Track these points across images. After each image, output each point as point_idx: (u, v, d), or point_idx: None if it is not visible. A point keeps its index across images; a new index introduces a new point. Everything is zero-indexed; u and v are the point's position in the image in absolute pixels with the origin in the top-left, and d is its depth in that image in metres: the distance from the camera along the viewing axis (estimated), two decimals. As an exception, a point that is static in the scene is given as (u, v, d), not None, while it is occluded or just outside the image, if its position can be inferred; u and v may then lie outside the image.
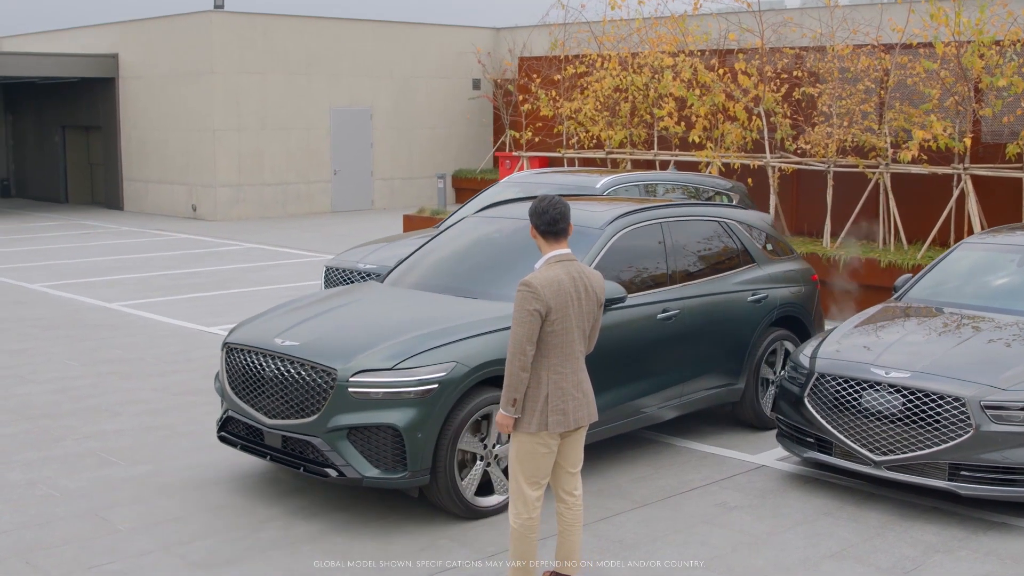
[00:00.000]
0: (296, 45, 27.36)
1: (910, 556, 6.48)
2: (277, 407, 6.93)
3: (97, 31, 30.44)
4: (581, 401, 5.69)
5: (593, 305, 5.72)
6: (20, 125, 33.79)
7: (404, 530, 6.78)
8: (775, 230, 9.58)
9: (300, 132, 27.54)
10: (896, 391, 7.10)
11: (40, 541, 6.67)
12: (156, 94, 28.00)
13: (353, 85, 28.42)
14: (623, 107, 16.88)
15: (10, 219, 27.28)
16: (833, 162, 14.51)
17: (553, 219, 5.67)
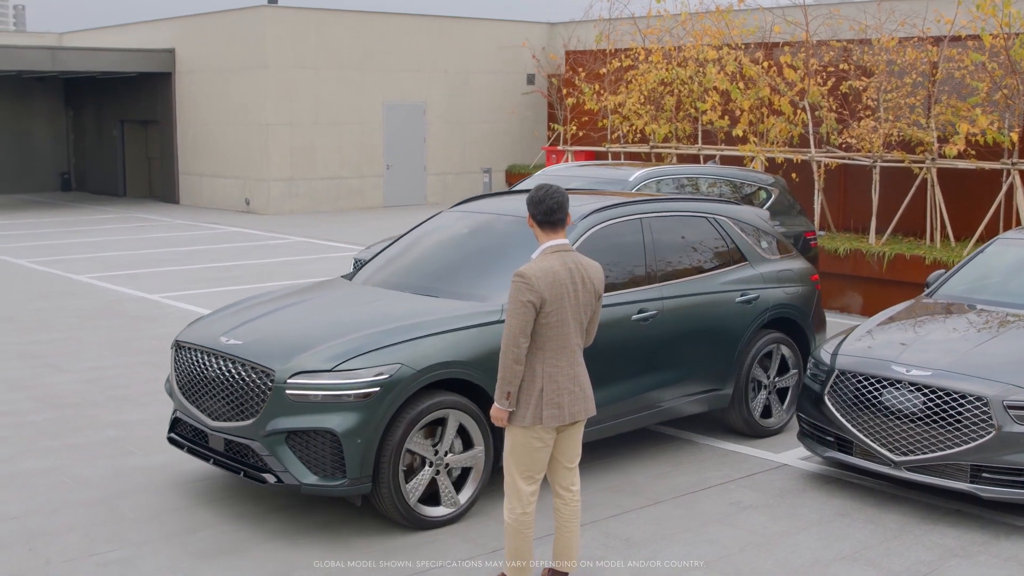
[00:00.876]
0: (349, 40, 27.43)
1: (925, 560, 6.28)
2: (220, 409, 6.67)
3: (155, 26, 30.78)
4: (577, 395, 5.56)
5: (591, 297, 5.59)
6: (81, 120, 34.27)
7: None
8: (772, 227, 9.14)
9: (353, 127, 27.61)
10: (917, 389, 6.89)
11: (47, 528, 6.69)
12: (211, 89, 28.23)
13: (406, 80, 28.43)
14: (668, 101, 16.68)
15: (68, 212, 27.66)
16: (879, 157, 14.21)
17: (550, 208, 5.54)
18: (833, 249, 13.83)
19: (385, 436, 6.34)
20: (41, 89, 33.96)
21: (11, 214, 27.01)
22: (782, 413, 8.68)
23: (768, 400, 8.60)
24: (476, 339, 6.72)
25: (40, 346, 11.72)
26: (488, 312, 6.91)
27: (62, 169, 34.63)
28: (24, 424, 8.86)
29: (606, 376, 7.26)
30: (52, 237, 21.91)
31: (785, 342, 8.63)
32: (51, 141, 34.49)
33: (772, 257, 8.79)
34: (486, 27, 29.84)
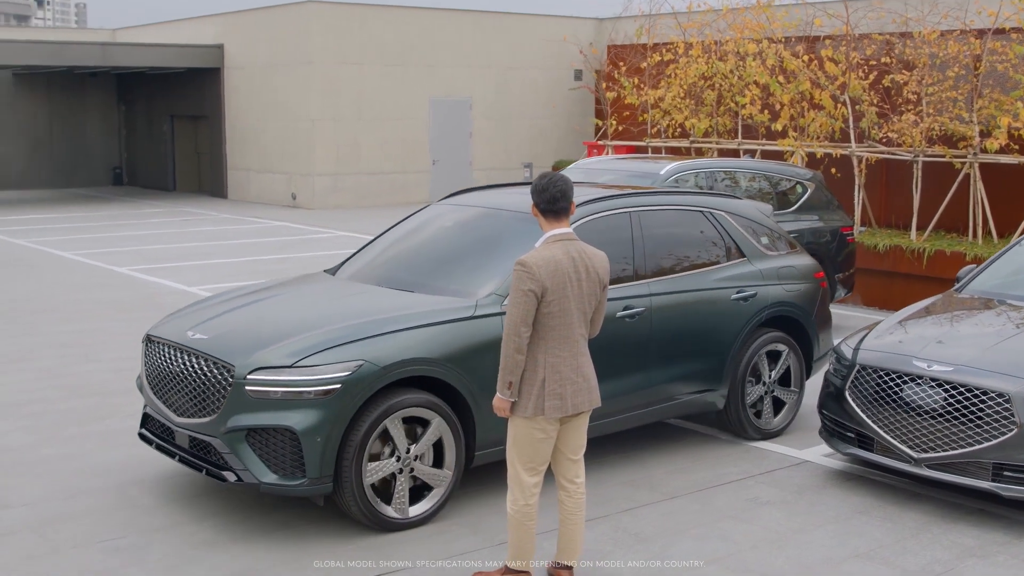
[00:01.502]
0: (394, 35, 27.47)
1: (942, 560, 6.13)
2: (184, 405, 6.53)
3: (204, 22, 31.03)
4: (581, 386, 5.49)
5: (595, 287, 5.51)
6: (132, 115, 34.65)
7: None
8: (774, 221, 8.83)
9: (398, 122, 27.66)
10: (938, 385, 6.74)
11: (59, 514, 6.73)
12: (257, 84, 28.41)
13: (452, 75, 28.43)
14: (708, 95, 16.52)
15: (117, 206, 27.96)
16: (920, 152, 13.97)
17: (553, 197, 5.47)
18: (872, 245, 13.62)
19: (347, 435, 6.16)
20: (94, 85, 34.37)
21: (62, 207, 27.36)
22: (782, 415, 8.38)
23: (767, 401, 8.30)
24: (446, 335, 6.52)
25: (74, 336, 11.83)
26: (461, 308, 6.72)
27: (114, 164, 35.04)
28: (50, 412, 8.94)
29: (601, 374, 7.10)
30: (99, 230, 22.15)
31: (785, 342, 8.31)
32: (103, 136, 34.90)
33: (773, 253, 8.46)
34: (533, 22, 29.76)
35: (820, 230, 11.96)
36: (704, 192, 8.69)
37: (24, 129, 33.36)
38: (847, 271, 12.30)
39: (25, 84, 33.24)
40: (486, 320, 6.69)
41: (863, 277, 13.47)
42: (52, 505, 6.88)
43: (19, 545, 6.27)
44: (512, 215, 7.57)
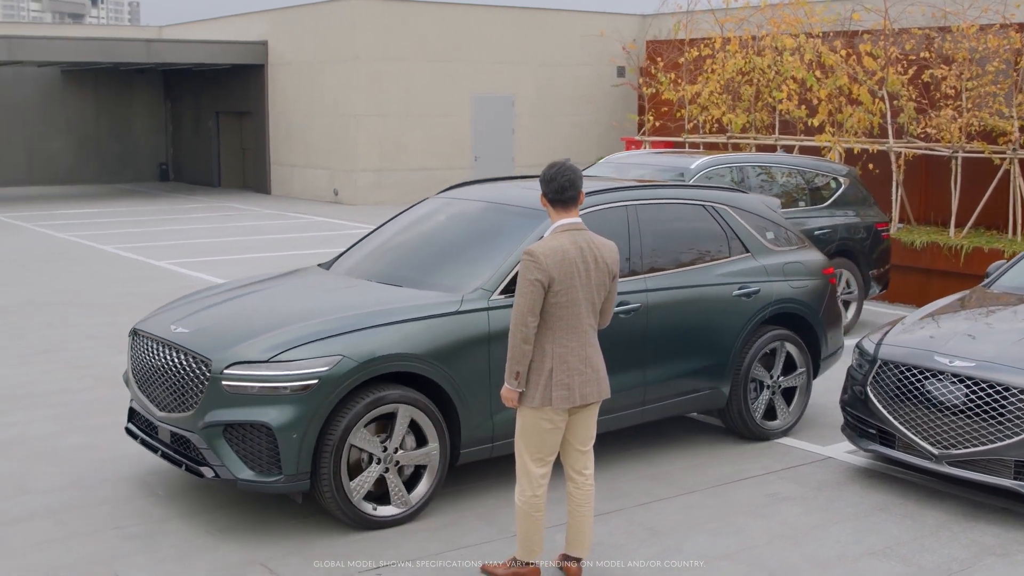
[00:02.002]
0: (438, 32, 27.50)
1: (960, 558, 6.03)
2: (165, 399, 6.47)
3: (249, 19, 31.25)
4: (590, 377, 5.45)
5: (604, 277, 5.47)
6: (178, 111, 34.98)
7: (432, 505, 6.63)
8: (781, 216, 8.59)
9: (441, 118, 27.68)
10: (959, 381, 6.62)
11: (78, 501, 6.78)
12: (302, 80, 28.56)
13: (495, 72, 28.42)
14: (745, 91, 16.38)
15: (162, 201, 28.24)
16: (959, 148, 13.76)
17: (561, 187, 5.45)
18: (909, 242, 13.44)
19: (325, 431, 6.06)
20: (141, 82, 34.73)
21: (107, 203, 27.66)
22: (787, 415, 8.17)
23: (772, 401, 8.09)
24: (430, 331, 6.41)
25: (106, 328, 11.93)
26: (446, 303, 6.60)
27: (160, 160, 35.38)
28: (78, 402, 9.02)
29: None
30: (141, 225, 22.37)
31: (791, 339, 8.09)
32: (150, 132, 35.26)
33: (779, 248, 8.24)
34: (576, 18, 29.65)
35: (854, 226, 11.81)
36: (707, 186, 8.50)
37: (72, 126, 33.78)
38: (882, 268, 12.14)
39: (73, 81, 33.64)
40: (471, 315, 6.59)
41: (900, 274, 13.28)
42: (70, 493, 6.94)
43: (34, 530, 6.33)
44: (507, 209, 7.47)
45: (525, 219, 7.22)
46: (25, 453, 7.72)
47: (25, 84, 32.89)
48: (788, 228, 8.56)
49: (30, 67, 32.13)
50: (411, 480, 6.48)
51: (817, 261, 8.49)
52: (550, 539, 6.04)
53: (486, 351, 6.59)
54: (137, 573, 5.76)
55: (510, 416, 6.62)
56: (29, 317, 12.58)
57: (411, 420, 6.35)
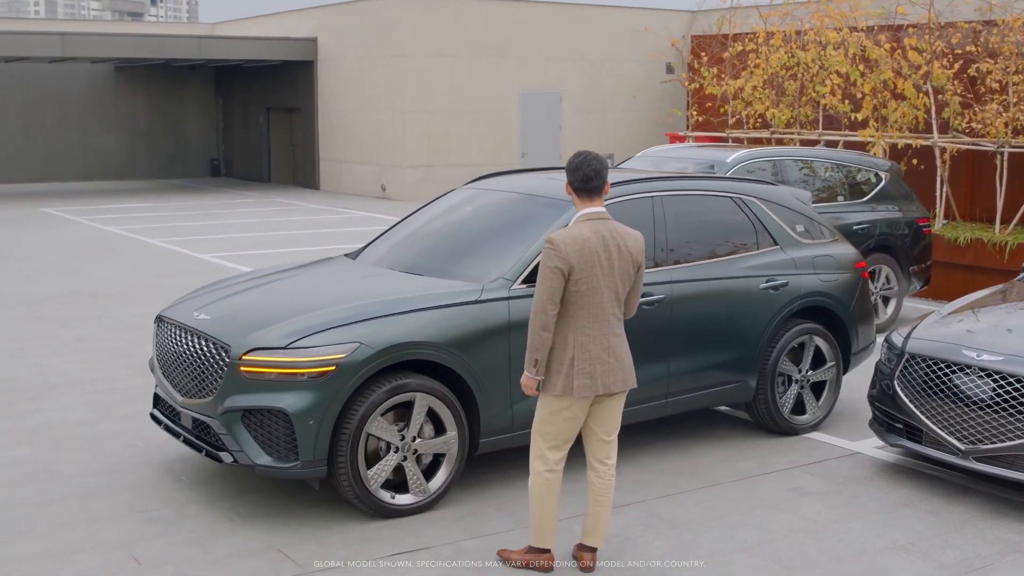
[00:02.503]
0: (486, 28, 27.54)
1: (982, 554, 5.93)
2: (187, 385, 6.53)
3: (299, 15, 31.48)
4: (613, 366, 5.44)
5: (628, 266, 5.46)
6: (229, 107, 35.32)
7: (450, 495, 6.64)
8: (812, 209, 8.49)
9: (489, 114, 27.72)
10: (987, 375, 6.51)
11: (104, 486, 6.87)
12: (351, 76, 28.72)
13: (543, 68, 28.41)
14: (789, 85, 16.23)
15: (212, 196, 28.53)
16: (1006, 142, 13.55)
17: (586, 176, 5.46)
18: (953, 239, 13.25)
19: (342, 419, 6.09)
20: (193, 78, 35.11)
21: (158, 198, 27.99)
22: (816, 409, 8.06)
23: (800, 395, 8.00)
24: (448, 319, 6.41)
25: (148, 319, 12.04)
26: (466, 292, 6.60)
27: (212, 155, 35.75)
28: (112, 390, 9.14)
29: None
30: (188, 219, 22.62)
31: (820, 334, 7.99)
32: (202, 128, 35.64)
33: (809, 242, 8.15)
34: (625, 15, 29.57)
35: (894, 221, 11.67)
36: (735, 178, 8.40)
37: (125, 122, 34.21)
38: (923, 264, 11.99)
39: (126, 78, 34.07)
40: (491, 304, 6.58)
41: (943, 271, 13.11)
42: (97, 478, 7.03)
43: (60, 513, 6.42)
44: (532, 199, 7.46)
45: (549, 209, 7.21)
46: (57, 439, 7.83)
47: (80, 81, 33.36)
48: (819, 221, 8.46)
49: (84, 64, 32.61)
50: (430, 469, 6.49)
51: (848, 255, 8.37)
52: (567, 529, 6.03)
53: (506, 340, 6.59)
54: (155, 556, 5.82)
55: (530, 406, 6.62)
56: (71, 307, 12.76)
57: (429, 409, 6.37)
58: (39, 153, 32.99)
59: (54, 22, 42.05)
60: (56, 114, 33.11)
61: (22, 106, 32.64)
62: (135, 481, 6.97)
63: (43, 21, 48.27)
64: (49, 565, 5.70)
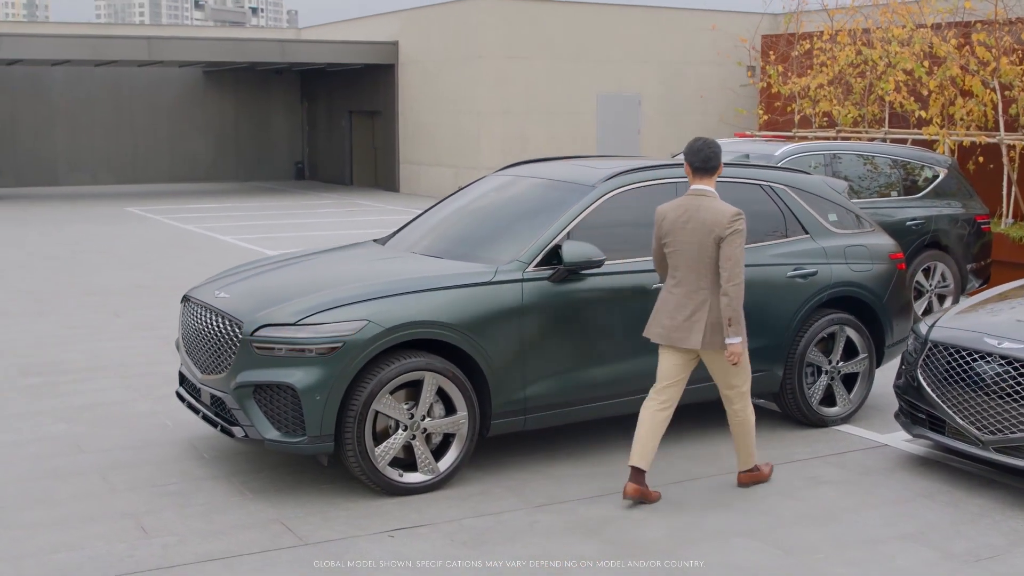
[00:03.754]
0: (563, 30, 27.58)
1: (994, 545, 5.78)
2: (206, 361, 6.66)
3: (382, 19, 31.84)
4: (677, 323, 6.26)
5: (702, 236, 6.15)
6: (314, 111, 35.84)
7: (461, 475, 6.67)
8: (846, 199, 8.32)
9: (566, 117, 27.74)
10: (1008, 363, 6.35)
11: (127, 461, 7.03)
12: (429, 79, 28.95)
13: (621, 71, 28.36)
14: (857, 83, 15.99)
15: (293, 197, 28.98)
16: (1074, 140, 13.20)
17: (706, 156, 6.27)
18: (1018, 237, 12.93)
19: (349, 395, 6.17)
20: (278, 82, 35.71)
21: (240, 199, 28.52)
22: (847, 402, 7.90)
23: (831, 387, 7.86)
24: (460, 300, 6.46)
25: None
26: (479, 273, 6.64)
27: (297, 159, 36.31)
28: (154, 374, 9.34)
29: (621, 350, 6.95)
30: (266, 219, 23.01)
31: (852, 324, 7.82)
32: (287, 132, 36.21)
33: (842, 231, 8.00)
34: (706, 18, 29.33)
35: (950, 217, 11.43)
36: (765, 166, 8.28)
37: (212, 125, 34.92)
38: (982, 261, 11.71)
39: (214, 82, 34.77)
40: (504, 286, 6.60)
41: (1007, 270, 12.77)
42: (123, 453, 7.20)
43: (79, 484, 6.59)
44: (556, 184, 7.46)
45: (570, 194, 7.21)
46: (93, 417, 8.03)
47: (169, 85, 34.14)
48: (855, 211, 8.32)
49: (173, 68, 33.35)
50: (440, 449, 6.53)
51: (883, 245, 8.21)
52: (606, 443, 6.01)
53: (518, 322, 6.60)
54: (161, 526, 5.94)
55: (542, 389, 6.68)
56: (133, 299, 13.07)
57: (440, 389, 6.41)
58: (128, 156, 33.84)
59: (142, 27, 43.10)
60: (145, 117, 33.92)
61: (112, 109, 33.51)
62: (158, 456, 7.12)
63: (132, 26, 49.61)
64: (59, 531, 5.85)
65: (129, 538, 5.77)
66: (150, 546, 5.68)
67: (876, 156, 11.39)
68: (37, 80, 32.47)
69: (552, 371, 6.75)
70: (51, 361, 9.82)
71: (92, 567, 5.41)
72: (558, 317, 6.77)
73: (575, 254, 6.67)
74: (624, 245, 7.12)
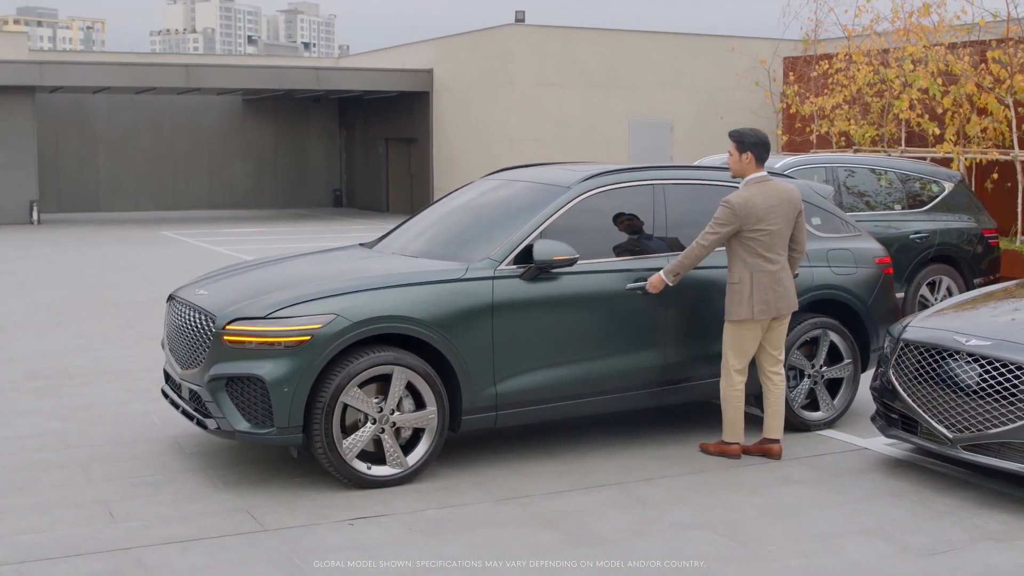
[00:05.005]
0: (595, 57, 27.74)
1: (953, 540, 5.75)
2: (185, 357, 6.80)
3: (418, 47, 32.22)
4: (781, 294, 6.95)
5: (789, 211, 6.98)
6: (351, 139, 36.26)
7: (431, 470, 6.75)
8: (831, 204, 8.33)
9: (597, 143, 27.85)
10: (974, 361, 6.34)
11: (110, 455, 7.19)
12: (462, 106, 29.21)
13: (653, 98, 28.46)
14: (874, 103, 15.97)
15: (328, 223, 29.29)
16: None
17: (767, 146, 7.05)
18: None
19: (317, 388, 6.29)
20: (317, 110, 36.17)
21: (276, 224, 28.87)
22: (831, 407, 7.89)
23: (814, 391, 7.87)
24: (430, 296, 6.57)
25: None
26: (450, 270, 6.76)
27: (335, 186, 36.69)
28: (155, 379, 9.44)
29: (599, 348, 7.01)
30: (296, 243, 23.28)
31: (835, 328, 7.85)
32: (326, 159, 36.63)
33: (825, 235, 8.03)
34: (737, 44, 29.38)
35: (956, 231, 11.39)
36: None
37: (252, 152, 35.42)
38: (989, 276, 11.65)
39: (253, 110, 35.28)
40: (475, 283, 6.69)
41: (1019, 287, 12.69)
42: (107, 448, 7.36)
43: (60, 476, 6.74)
44: (533, 186, 7.56)
45: (546, 195, 7.31)
46: (87, 416, 8.21)
47: (210, 112, 34.69)
48: (840, 216, 8.34)
49: (213, 97, 33.91)
50: (410, 444, 6.61)
51: (868, 249, 8.22)
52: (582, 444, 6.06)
53: (489, 319, 6.69)
54: (130, 512, 6.07)
55: (514, 386, 6.75)
56: (148, 311, 13.29)
57: (410, 384, 6.50)
58: (168, 182, 34.39)
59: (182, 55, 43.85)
60: (185, 145, 34.48)
61: (153, 137, 34.11)
62: (141, 452, 7.27)
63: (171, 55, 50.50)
64: (31, 516, 6.00)
65: (96, 523, 5.91)
66: (114, 530, 5.80)
67: (879, 169, 11.39)
68: (81, 109, 33.13)
69: (524, 368, 6.81)
70: (58, 367, 10.03)
71: (54, 547, 5.54)
72: (530, 315, 6.84)
73: (545, 252, 6.75)
74: (599, 245, 7.20)
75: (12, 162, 28.45)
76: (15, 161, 28.47)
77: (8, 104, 28.20)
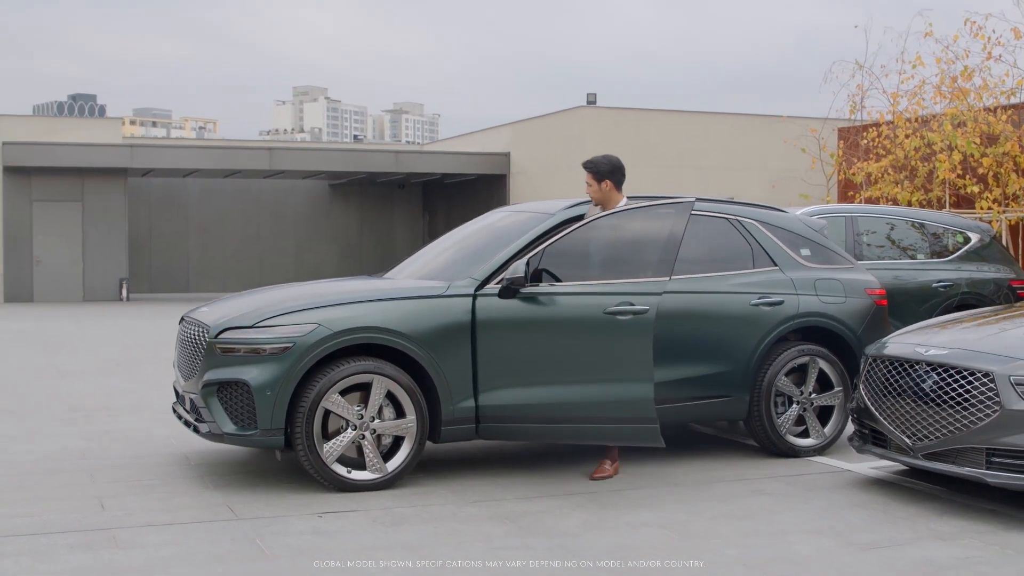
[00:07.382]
0: (665, 138, 28.17)
1: (898, 539, 5.85)
2: (187, 368, 7.22)
3: (496, 132, 33.01)
4: None
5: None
6: (435, 223, 37.05)
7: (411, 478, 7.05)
8: (824, 237, 8.51)
9: (670, 223, 28.07)
10: (932, 370, 6.48)
11: (117, 464, 7.66)
12: (536, 188, 29.80)
13: (724, 178, 28.70)
14: (921, 167, 16.09)
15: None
16: None
17: (623, 171, 7.43)
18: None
19: (299, 393, 6.69)
20: (401, 196, 37.15)
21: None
22: (820, 434, 8.01)
23: (803, 418, 8.01)
24: (410, 310, 6.94)
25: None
26: (432, 287, 7.15)
27: (417, 269, 37.40)
28: (186, 412, 9.99)
29: (578, 372, 7.08)
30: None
31: (824, 356, 8.03)
32: (410, 242, 37.39)
33: (814, 265, 8.22)
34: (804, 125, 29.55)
35: (982, 281, 11.41)
36: (735, 202, 8.50)
37: (337, 235, 36.42)
38: (1018, 327, 11.61)
39: (339, 194, 36.36)
40: (455, 300, 7.04)
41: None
42: (118, 460, 7.82)
43: (66, 479, 7.20)
44: (524, 213, 7.97)
45: (533, 221, 7.68)
46: (111, 438, 8.69)
47: (295, 197, 35.86)
48: (832, 248, 8.54)
49: (299, 181, 35.06)
50: (391, 451, 6.94)
51: (860, 280, 8.40)
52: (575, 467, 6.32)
53: (468, 335, 7.01)
54: (119, 505, 6.49)
55: (495, 401, 7.02)
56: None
57: (391, 393, 6.85)
58: (255, 264, 35.49)
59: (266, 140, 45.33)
60: (272, 227, 35.62)
61: (241, 220, 35.33)
62: (147, 463, 7.71)
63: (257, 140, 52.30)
64: (29, 505, 6.46)
65: (86, 511, 6.33)
66: (100, 516, 6.22)
67: (902, 219, 11.51)
68: (172, 193, 34.54)
69: (502, 385, 7.06)
70: (100, 403, 10.60)
71: (41, 526, 5.98)
72: (510, 334, 7.12)
73: (518, 269, 7.07)
74: (581, 268, 7.48)
75: (104, 241, 29.75)
76: (107, 240, 29.77)
77: (102, 186, 29.61)
